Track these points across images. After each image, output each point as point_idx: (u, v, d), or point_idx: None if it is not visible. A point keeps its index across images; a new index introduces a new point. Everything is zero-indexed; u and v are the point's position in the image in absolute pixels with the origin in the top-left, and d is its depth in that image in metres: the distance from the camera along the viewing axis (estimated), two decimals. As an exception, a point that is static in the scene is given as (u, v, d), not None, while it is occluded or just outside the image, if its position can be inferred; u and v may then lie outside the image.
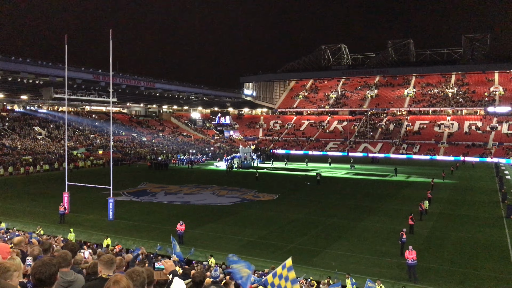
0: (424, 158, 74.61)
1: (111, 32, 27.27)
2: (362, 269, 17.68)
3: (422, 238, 22.62)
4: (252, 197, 34.94)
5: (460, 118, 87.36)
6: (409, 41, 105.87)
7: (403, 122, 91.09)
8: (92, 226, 24.84)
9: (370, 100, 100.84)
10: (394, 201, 33.92)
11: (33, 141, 60.21)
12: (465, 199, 35.28)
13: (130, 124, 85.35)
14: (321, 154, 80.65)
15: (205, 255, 18.54)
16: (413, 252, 16.78)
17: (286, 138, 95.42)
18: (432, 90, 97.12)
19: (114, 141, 65.31)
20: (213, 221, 26.46)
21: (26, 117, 68.01)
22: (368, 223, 26.19)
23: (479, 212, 29.83)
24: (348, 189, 39.88)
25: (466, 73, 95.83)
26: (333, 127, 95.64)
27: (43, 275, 3.05)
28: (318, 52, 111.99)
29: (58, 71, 58.22)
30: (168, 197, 35.15)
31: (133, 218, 27.13)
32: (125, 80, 72.18)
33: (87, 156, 59.80)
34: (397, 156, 76.80)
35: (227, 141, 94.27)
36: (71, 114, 74.29)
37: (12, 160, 50.33)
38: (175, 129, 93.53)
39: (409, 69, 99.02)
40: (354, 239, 22.56)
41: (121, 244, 19.36)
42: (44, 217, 26.83)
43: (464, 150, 74.78)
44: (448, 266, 18.54)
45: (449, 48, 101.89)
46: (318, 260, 19.00)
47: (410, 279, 16.62)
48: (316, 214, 28.78)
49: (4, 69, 54.72)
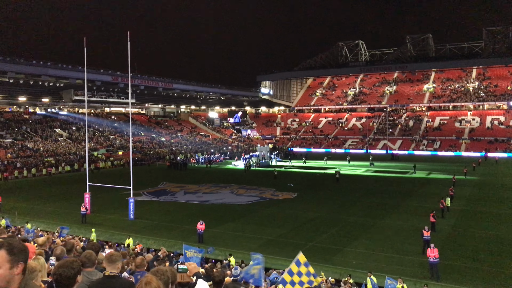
0: (449, 154, 73.32)
1: (129, 34, 27.60)
2: (383, 267, 17.49)
3: (444, 235, 22.25)
4: (270, 196, 34.91)
5: (482, 113, 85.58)
6: (428, 36, 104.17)
7: (423, 118, 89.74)
8: (113, 226, 25.18)
9: (388, 96, 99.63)
10: (415, 198, 33.44)
11: (55, 142, 61.38)
12: (488, 195, 34.53)
13: (149, 125, 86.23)
14: (342, 152, 79.87)
15: (224, 254, 18.61)
16: (435, 250, 16.51)
17: (304, 136, 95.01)
18: (453, 85, 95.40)
19: (133, 141, 66.08)
20: (232, 220, 26.54)
21: (48, 120, 69.38)
22: (389, 221, 25.89)
23: (503, 209, 29.18)
24: (367, 187, 39.50)
25: (487, 67, 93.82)
26: (351, 124, 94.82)
27: (61, 277, 3.09)
28: (335, 49, 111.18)
29: (78, 74, 59.25)
30: (187, 196, 35.39)
31: (153, 217, 27.41)
32: (143, 81, 72.96)
33: (107, 157, 60.65)
34: (420, 153, 75.65)
35: (244, 140, 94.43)
36: (91, 116, 75.48)
37: (35, 162, 51.40)
38: (193, 129, 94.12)
39: (428, 64, 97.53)
40: (374, 237, 22.32)
41: (142, 244, 19.57)
42: (66, 218, 27.31)
43: (486, 145, 73.21)
44: (471, 264, 18.18)
45: (470, 42, 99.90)
46: (338, 259, 18.88)
47: (432, 277, 16.37)
48: (335, 212, 28.58)
49: (26, 72, 55.97)
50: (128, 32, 27.53)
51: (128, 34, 27.53)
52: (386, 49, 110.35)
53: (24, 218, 25.42)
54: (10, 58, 54.22)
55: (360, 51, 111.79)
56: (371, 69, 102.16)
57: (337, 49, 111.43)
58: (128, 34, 27.55)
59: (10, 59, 53.96)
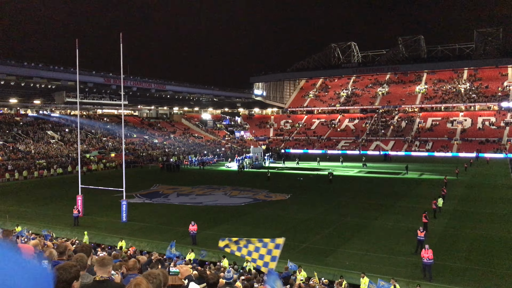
0: (441, 154, 73.78)
1: (121, 36, 27.49)
2: (376, 268, 17.54)
3: (436, 236, 22.36)
4: (264, 197, 34.91)
5: (473, 114, 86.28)
6: (419, 37, 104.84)
7: (415, 119, 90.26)
8: (106, 229, 25.03)
9: (381, 97, 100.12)
10: (407, 199, 33.61)
11: (47, 145, 60.90)
12: (479, 196, 34.79)
13: (142, 126, 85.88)
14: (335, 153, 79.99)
15: (218, 256, 18.56)
16: (429, 251, 16.58)
17: (297, 137, 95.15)
18: (444, 86, 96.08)
19: (126, 143, 65.76)
20: (226, 221, 26.49)
21: (39, 122, 68.85)
22: (382, 221, 25.99)
23: (494, 209, 29.41)
24: (360, 188, 39.63)
25: (478, 68, 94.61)
26: (344, 126, 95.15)
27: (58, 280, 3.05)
28: (327, 51, 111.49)
29: (70, 75, 58.93)
30: (180, 198, 35.29)
31: (146, 219, 27.28)
32: (136, 83, 72.71)
33: (100, 159, 60.29)
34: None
35: (238, 142, 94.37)
36: (83, 118, 75.03)
37: (27, 164, 50.95)
38: (186, 131, 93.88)
39: (420, 66, 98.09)
40: (367, 238, 22.40)
41: (135, 246, 19.47)
42: (59, 220, 27.12)
43: (478, 146, 73.77)
44: (463, 264, 18.30)
45: (461, 44, 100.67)
46: (331, 259, 18.91)
47: (425, 277, 16.45)
48: (328, 213, 28.65)
49: (17, 74, 55.52)
50: (120, 34, 27.45)
51: (120, 36, 27.45)
52: (378, 50, 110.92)
53: (15, 221, 25.18)
54: (1, 60, 53.79)
55: (353, 52, 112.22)
56: (364, 70, 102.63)
57: (330, 50, 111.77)
58: (120, 35, 27.47)
59: (1, 61, 53.52)
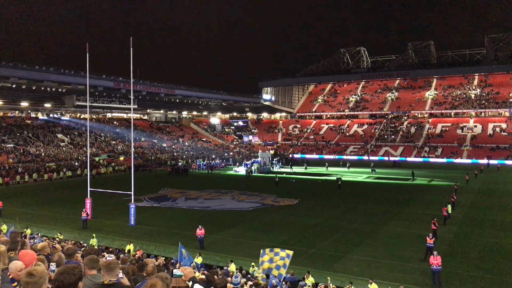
0: (451, 161, 73.10)
1: (131, 40, 27.69)
2: (385, 274, 17.38)
3: (446, 243, 22.12)
4: (272, 202, 34.82)
5: (484, 120, 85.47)
6: (429, 43, 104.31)
7: (424, 125, 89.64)
8: (114, 232, 25.12)
9: (390, 103, 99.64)
10: (416, 205, 33.32)
11: (56, 148, 61.45)
12: (490, 203, 34.37)
13: (151, 130, 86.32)
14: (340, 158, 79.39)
15: (225, 261, 18.52)
16: (438, 257, 16.41)
17: (306, 142, 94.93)
18: (454, 92, 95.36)
19: (135, 147, 66.12)
20: (233, 226, 26.46)
21: (50, 125, 69.53)
22: (390, 227, 25.77)
23: (505, 216, 29.02)
24: (369, 194, 39.39)
25: (489, 74, 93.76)
26: (353, 131, 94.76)
27: (63, 284, 3.05)
28: (337, 56, 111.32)
29: (80, 79, 59.47)
30: (188, 202, 35.33)
31: (154, 223, 27.35)
32: (145, 87, 73.12)
33: (109, 162, 60.68)
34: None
35: (246, 146, 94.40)
36: (93, 121, 75.64)
37: (37, 167, 51.44)
38: (194, 135, 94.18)
39: (430, 71, 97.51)
40: (376, 244, 22.21)
41: (142, 250, 19.51)
42: (67, 223, 27.28)
43: (488, 152, 73.02)
44: (473, 271, 18.06)
45: (471, 49, 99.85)
46: (340, 266, 18.77)
47: (434, 284, 16.26)
48: (337, 219, 28.48)
49: (28, 78, 56.12)
50: (130, 38, 27.67)
51: (130, 40, 27.66)
52: (388, 56, 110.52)
53: (24, 223, 25.37)
54: (13, 63, 54.42)
55: (362, 57, 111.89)
56: (373, 75, 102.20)
57: (339, 55, 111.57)
58: (130, 40, 27.68)
59: (13, 64, 54.15)
